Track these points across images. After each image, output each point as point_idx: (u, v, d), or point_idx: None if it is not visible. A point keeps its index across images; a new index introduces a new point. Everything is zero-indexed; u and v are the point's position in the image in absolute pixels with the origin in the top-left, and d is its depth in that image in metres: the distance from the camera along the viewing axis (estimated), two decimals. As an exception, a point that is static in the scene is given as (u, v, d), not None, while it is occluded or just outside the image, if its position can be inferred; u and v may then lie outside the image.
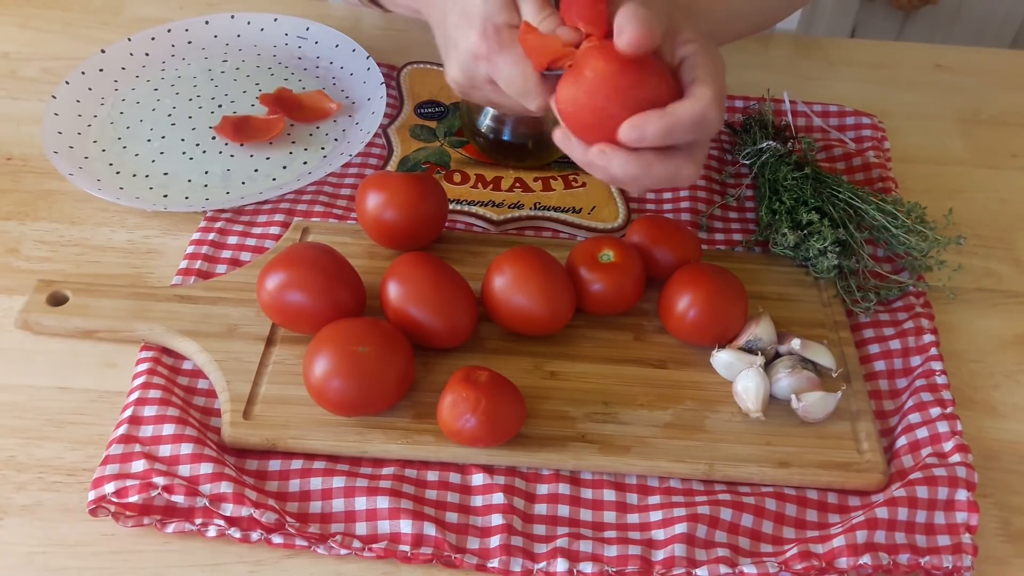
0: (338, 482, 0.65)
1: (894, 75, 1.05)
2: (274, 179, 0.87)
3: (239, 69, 0.98)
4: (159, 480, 0.62)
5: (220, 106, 0.94)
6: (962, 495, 0.65)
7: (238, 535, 0.62)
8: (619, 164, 0.59)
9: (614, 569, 0.62)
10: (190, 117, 0.92)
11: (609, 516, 0.65)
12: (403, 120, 0.94)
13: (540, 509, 0.65)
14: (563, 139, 0.62)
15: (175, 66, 0.98)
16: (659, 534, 0.64)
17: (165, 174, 0.87)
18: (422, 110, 0.95)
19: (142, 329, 0.72)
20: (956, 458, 0.67)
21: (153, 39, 0.99)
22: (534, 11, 0.62)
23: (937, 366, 0.73)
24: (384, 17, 1.08)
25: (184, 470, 0.63)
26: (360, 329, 0.67)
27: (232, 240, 0.81)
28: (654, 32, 0.56)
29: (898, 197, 0.84)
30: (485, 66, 0.64)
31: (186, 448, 0.64)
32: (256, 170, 0.88)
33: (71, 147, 0.88)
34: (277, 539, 0.62)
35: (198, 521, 0.62)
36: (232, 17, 1.01)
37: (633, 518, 0.65)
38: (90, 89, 0.93)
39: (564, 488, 0.66)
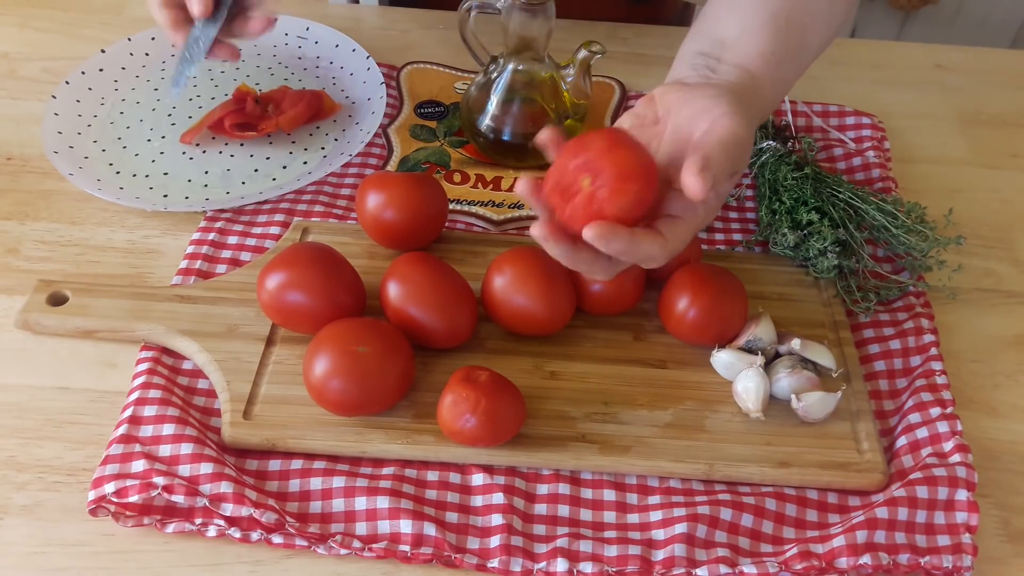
0: (338, 482, 0.65)
1: (894, 75, 1.05)
2: (274, 179, 0.87)
3: (239, 69, 0.98)
4: (159, 480, 0.62)
5: (220, 106, 0.94)
6: (962, 495, 0.65)
7: (238, 535, 0.62)
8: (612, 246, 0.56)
9: (614, 569, 0.62)
10: (190, 117, 0.92)
11: (609, 516, 0.65)
12: (403, 120, 0.94)
13: (540, 509, 0.65)
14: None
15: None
16: (659, 534, 0.64)
17: (165, 174, 0.87)
18: (422, 110, 0.95)
19: (142, 329, 0.72)
20: (956, 458, 0.67)
21: (153, 39, 0.98)
22: None
23: (937, 366, 0.73)
24: (384, 17, 1.08)
25: (184, 470, 0.63)
26: (360, 329, 0.67)
27: (232, 240, 0.81)
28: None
29: (898, 197, 0.84)
30: None
31: (186, 448, 0.64)
32: (256, 170, 0.88)
33: (71, 147, 0.88)
34: (277, 539, 0.62)
35: (198, 521, 0.62)
36: (232, 17, 1.01)
37: (633, 518, 0.65)
38: (90, 89, 0.93)
39: (564, 488, 0.66)
